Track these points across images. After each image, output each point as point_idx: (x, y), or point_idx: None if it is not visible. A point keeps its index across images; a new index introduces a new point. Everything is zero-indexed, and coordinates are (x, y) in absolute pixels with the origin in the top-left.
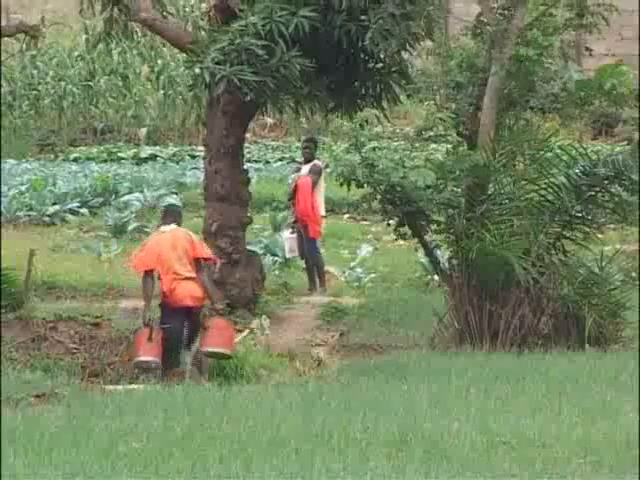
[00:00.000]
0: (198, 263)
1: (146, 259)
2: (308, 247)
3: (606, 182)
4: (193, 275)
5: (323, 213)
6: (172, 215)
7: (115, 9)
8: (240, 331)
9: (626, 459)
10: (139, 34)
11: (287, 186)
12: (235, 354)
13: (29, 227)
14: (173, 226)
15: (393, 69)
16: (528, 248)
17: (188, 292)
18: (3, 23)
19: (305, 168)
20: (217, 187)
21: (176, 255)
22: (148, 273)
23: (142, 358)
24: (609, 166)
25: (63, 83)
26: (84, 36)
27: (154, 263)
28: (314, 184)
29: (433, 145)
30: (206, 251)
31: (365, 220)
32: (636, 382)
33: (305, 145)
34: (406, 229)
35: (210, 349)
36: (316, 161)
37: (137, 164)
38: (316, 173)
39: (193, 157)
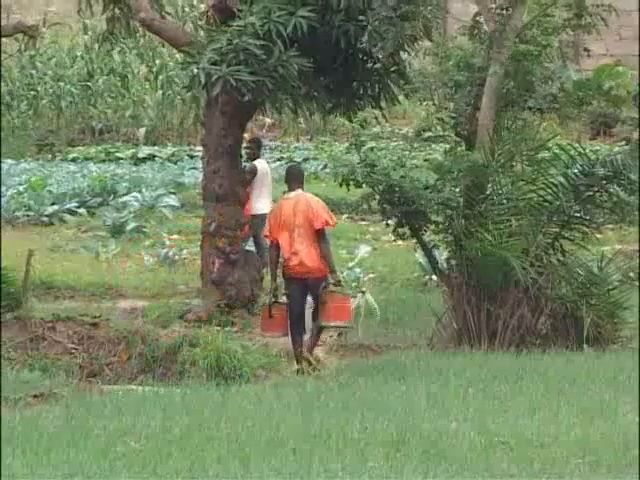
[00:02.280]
0: (318, 231)
1: (270, 227)
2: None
3: (604, 182)
4: (304, 247)
5: (266, 211)
6: (296, 180)
7: (116, 8)
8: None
9: (624, 459)
10: (139, 33)
11: None
12: (235, 353)
13: (27, 227)
14: (299, 191)
15: (391, 69)
16: (526, 248)
17: (299, 263)
18: (3, 23)
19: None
20: (215, 187)
21: (296, 224)
22: (273, 242)
23: (265, 334)
24: (607, 166)
25: (62, 83)
26: (84, 36)
27: (277, 230)
28: (246, 184)
29: (432, 145)
30: (325, 220)
31: (364, 220)
32: (634, 382)
33: (247, 145)
34: (405, 229)
35: (330, 323)
36: (257, 161)
37: (135, 164)
38: (248, 173)
39: (191, 157)
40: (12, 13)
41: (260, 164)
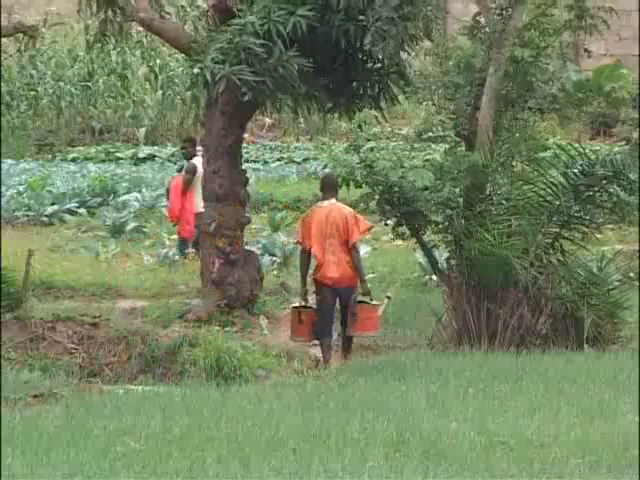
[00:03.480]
0: (352, 241)
1: (302, 233)
2: (177, 246)
3: (604, 182)
4: (335, 257)
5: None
6: (330, 189)
7: (110, 10)
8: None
9: (624, 459)
10: (138, 34)
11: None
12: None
13: (27, 227)
14: (333, 201)
15: (391, 70)
16: (526, 248)
17: (329, 273)
18: (4, 23)
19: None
20: (215, 187)
21: (328, 234)
22: (305, 249)
23: (295, 338)
24: (607, 166)
25: (62, 83)
26: (85, 36)
27: (307, 238)
28: (187, 183)
29: (432, 145)
30: (361, 229)
31: None
32: (634, 382)
33: (182, 146)
34: (404, 229)
35: (359, 334)
36: (194, 159)
37: (135, 164)
38: (189, 172)
39: None
40: (12, 13)
41: (199, 162)
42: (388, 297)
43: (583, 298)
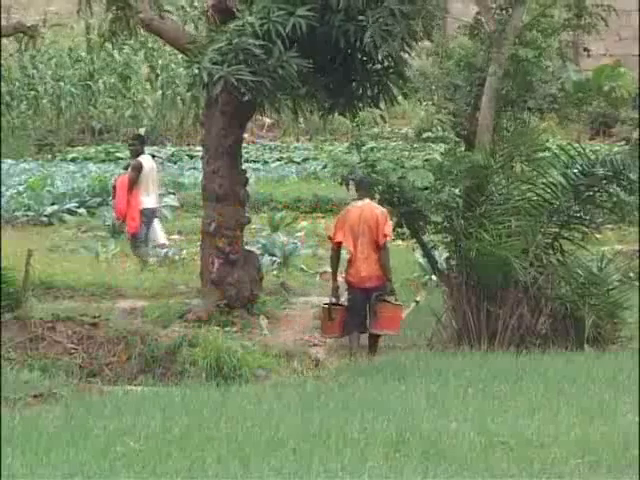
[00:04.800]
0: (381, 241)
1: (335, 232)
2: (130, 244)
3: (604, 182)
4: (364, 256)
5: (152, 205)
6: (365, 189)
7: (120, 9)
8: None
9: (624, 459)
10: (142, 33)
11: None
12: (235, 354)
13: (27, 227)
14: (366, 201)
15: (391, 70)
16: (526, 248)
17: (359, 273)
18: (4, 23)
19: None
20: (215, 187)
21: (360, 232)
22: (334, 246)
23: (325, 334)
24: (607, 166)
25: (62, 83)
26: (86, 37)
27: (341, 236)
28: (132, 181)
29: (431, 145)
30: (387, 231)
31: None
32: (634, 382)
33: (130, 143)
34: (404, 229)
35: (379, 332)
36: (141, 157)
37: None
38: (134, 170)
39: (191, 157)
40: (11, 13)
41: (145, 160)
42: (416, 302)
43: (583, 298)
